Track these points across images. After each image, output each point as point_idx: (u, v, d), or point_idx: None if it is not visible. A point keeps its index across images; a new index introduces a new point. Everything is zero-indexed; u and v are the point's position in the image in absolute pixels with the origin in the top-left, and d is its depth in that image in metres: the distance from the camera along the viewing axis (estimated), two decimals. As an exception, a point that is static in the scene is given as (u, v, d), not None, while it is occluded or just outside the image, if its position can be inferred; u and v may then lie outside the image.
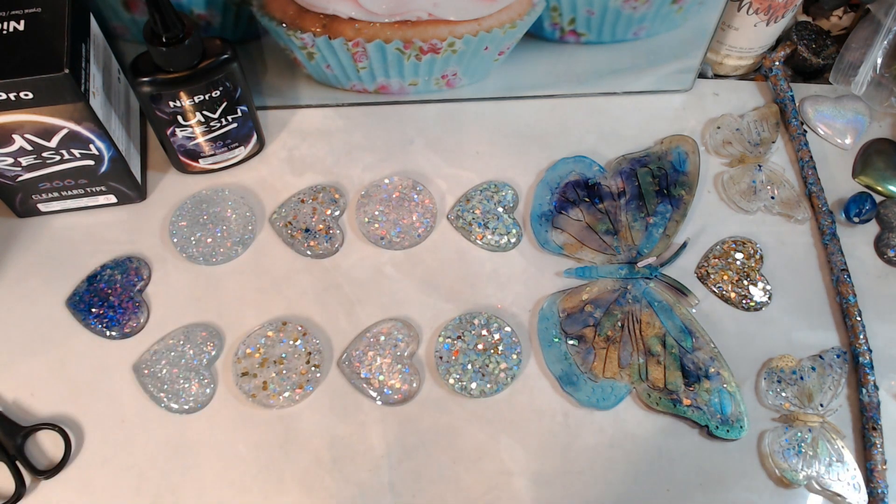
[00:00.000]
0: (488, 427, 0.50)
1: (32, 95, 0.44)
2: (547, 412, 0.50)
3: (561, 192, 0.58)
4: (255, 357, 0.50)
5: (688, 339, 0.52)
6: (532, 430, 0.50)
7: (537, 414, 0.50)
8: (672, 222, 0.56)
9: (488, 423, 0.50)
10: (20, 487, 0.46)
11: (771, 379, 0.51)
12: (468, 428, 0.50)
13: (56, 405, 0.49)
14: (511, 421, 0.50)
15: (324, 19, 0.53)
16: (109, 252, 0.54)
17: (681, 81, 0.63)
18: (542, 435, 0.50)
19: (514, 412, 0.50)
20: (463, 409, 0.50)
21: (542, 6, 0.54)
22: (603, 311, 0.53)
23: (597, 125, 0.62)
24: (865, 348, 0.52)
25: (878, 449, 0.49)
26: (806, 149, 0.60)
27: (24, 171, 0.50)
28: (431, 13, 0.53)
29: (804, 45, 0.64)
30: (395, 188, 0.57)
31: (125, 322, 0.52)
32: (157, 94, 0.49)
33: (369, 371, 0.50)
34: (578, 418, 0.50)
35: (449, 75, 0.59)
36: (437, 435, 0.49)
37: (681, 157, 0.59)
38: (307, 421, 0.49)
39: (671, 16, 0.56)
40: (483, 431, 0.50)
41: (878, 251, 0.58)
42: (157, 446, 0.48)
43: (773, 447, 0.49)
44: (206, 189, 0.57)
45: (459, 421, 0.50)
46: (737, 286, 0.55)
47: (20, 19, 0.45)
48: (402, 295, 0.54)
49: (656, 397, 0.50)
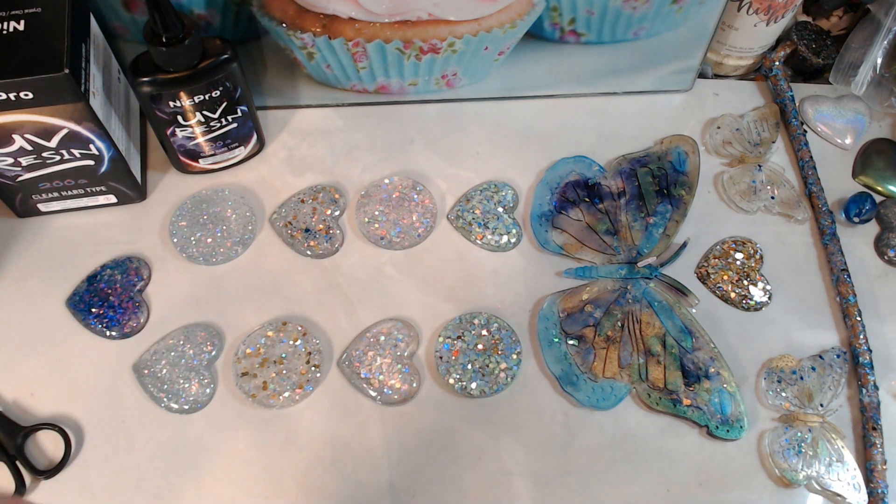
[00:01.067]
0: (488, 427, 0.50)
1: (32, 95, 0.44)
2: (547, 412, 0.50)
3: (561, 192, 0.58)
4: (255, 357, 0.50)
5: (688, 339, 0.52)
6: (532, 430, 0.50)
7: (537, 414, 0.50)
8: (672, 222, 0.56)
9: (488, 423, 0.50)
10: (20, 487, 0.46)
11: (771, 379, 0.51)
12: (468, 428, 0.50)
13: (56, 405, 0.49)
14: (511, 421, 0.50)
15: (324, 19, 0.53)
16: (109, 252, 0.54)
17: (681, 81, 0.63)
18: (542, 435, 0.50)
19: (514, 412, 0.50)
20: (463, 409, 0.50)
21: (542, 6, 0.54)
22: (603, 311, 0.53)
23: (597, 125, 0.62)
24: (865, 348, 0.52)
25: (878, 449, 0.49)
26: (806, 149, 0.60)
27: (24, 171, 0.50)
28: (431, 13, 0.53)
29: (804, 45, 0.64)
30: (395, 188, 0.57)
31: (125, 322, 0.52)
32: (157, 94, 0.49)
33: (369, 371, 0.50)
34: (578, 418, 0.50)
35: (449, 75, 0.59)
36: (437, 435, 0.49)
37: (681, 157, 0.59)
38: (307, 421, 0.49)
39: (671, 16, 0.56)
40: (483, 431, 0.50)
41: (878, 251, 0.58)
42: (157, 446, 0.48)
43: (773, 447, 0.49)
44: (206, 189, 0.57)
45: (459, 421, 0.50)
46: (737, 286, 0.55)
47: (20, 19, 0.45)
48: (402, 295, 0.54)
49: (656, 397, 0.50)
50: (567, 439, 0.50)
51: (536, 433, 0.50)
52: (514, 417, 0.50)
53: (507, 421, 0.50)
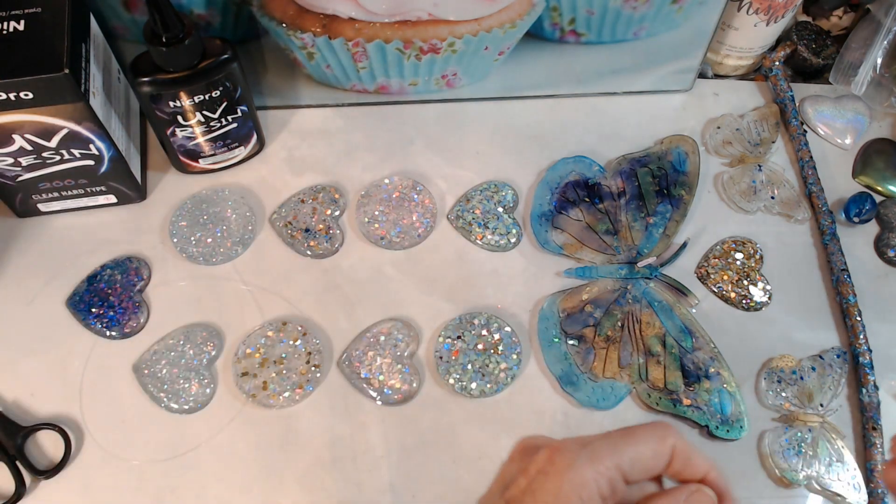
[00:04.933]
0: (488, 427, 0.50)
1: (32, 95, 0.44)
2: (547, 412, 0.50)
3: (561, 192, 0.58)
4: (255, 357, 0.50)
5: (688, 339, 0.52)
6: (532, 430, 0.50)
7: (537, 414, 0.50)
8: (672, 222, 0.56)
9: (488, 423, 0.50)
10: (20, 487, 0.46)
11: (771, 379, 0.51)
12: (468, 428, 0.50)
13: (56, 405, 0.49)
14: (511, 421, 0.50)
15: (324, 19, 0.53)
16: (109, 252, 0.54)
17: (681, 81, 0.63)
18: (542, 435, 0.50)
19: (514, 412, 0.50)
20: (463, 409, 0.50)
21: (542, 6, 0.54)
22: (603, 311, 0.53)
23: (597, 125, 0.62)
24: (865, 348, 0.52)
25: (878, 449, 0.49)
26: (806, 149, 0.60)
27: (24, 171, 0.50)
28: (431, 13, 0.53)
29: (804, 45, 0.64)
30: (395, 188, 0.57)
31: (125, 322, 0.52)
32: (157, 94, 0.49)
33: (369, 371, 0.50)
34: (578, 418, 0.50)
35: (449, 75, 0.59)
36: (437, 435, 0.49)
37: (681, 157, 0.59)
38: (307, 421, 0.49)
39: (671, 16, 0.56)
40: (483, 431, 0.50)
41: (878, 251, 0.58)
42: (157, 446, 0.48)
43: (773, 447, 0.49)
44: (206, 189, 0.57)
45: (459, 421, 0.50)
46: (737, 286, 0.55)
47: (20, 19, 0.45)
48: (402, 295, 0.54)
49: (656, 397, 0.50)
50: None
51: (536, 433, 0.50)
52: (514, 417, 0.50)
53: (507, 421, 0.50)
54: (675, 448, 0.32)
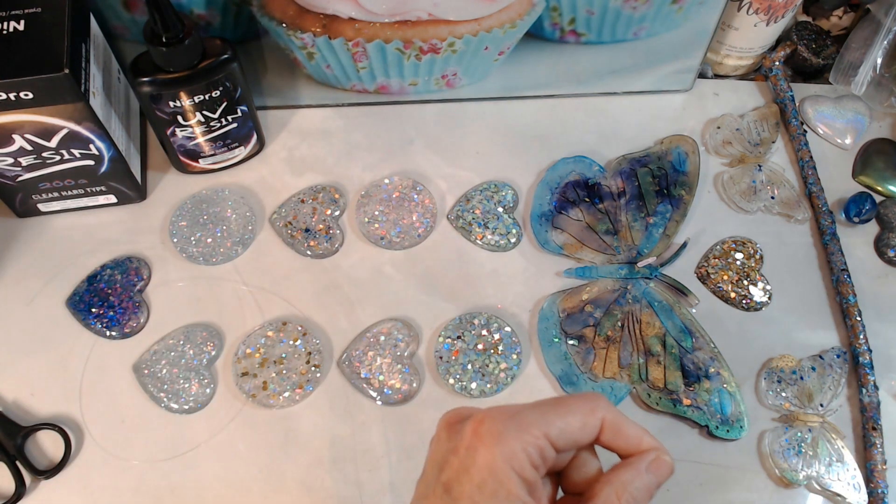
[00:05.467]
0: (488, 427, 0.50)
1: (32, 95, 0.44)
2: (547, 412, 0.50)
3: (561, 192, 0.58)
4: (255, 357, 0.50)
5: (688, 339, 0.52)
6: (532, 430, 0.50)
7: (537, 414, 0.50)
8: (672, 222, 0.56)
9: (488, 423, 0.50)
10: (20, 487, 0.46)
11: (771, 379, 0.51)
12: (468, 428, 0.50)
13: (56, 405, 0.49)
14: (511, 421, 0.50)
15: (324, 19, 0.53)
16: (109, 252, 0.54)
17: (681, 81, 0.63)
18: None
19: (514, 412, 0.50)
20: (463, 409, 0.50)
21: (542, 6, 0.54)
22: (603, 311, 0.53)
23: (597, 125, 0.62)
24: (865, 348, 0.52)
25: (878, 449, 0.49)
26: (806, 149, 0.60)
27: (24, 171, 0.50)
28: (431, 13, 0.53)
29: (804, 45, 0.64)
30: (395, 188, 0.57)
31: (125, 322, 0.52)
32: (157, 94, 0.49)
33: (369, 371, 0.50)
34: (578, 418, 0.50)
35: (449, 75, 0.59)
36: (437, 435, 0.49)
37: (681, 157, 0.59)
38: (307, 421, 0.49)
39: (671, 16, 0.56)
40: (483, 431, 0.50)
41: (878, 251, 0.58)
42: (156, 446, 0.48)
43: (773, 447, 0.49)
44: (206, 189, 0.57)
45: (459, 421, 0.50)
46: (737, 286, 0.55)
47: (20, 19, 0.45)
48: (402, 295, 0.54)
49: (656, 397, 0.50)
50: (567, 439, 0.50)
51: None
52: (514, 417, 0.50)
53: (507, 421, 0.50)
54: (605, 420, 0.32)
